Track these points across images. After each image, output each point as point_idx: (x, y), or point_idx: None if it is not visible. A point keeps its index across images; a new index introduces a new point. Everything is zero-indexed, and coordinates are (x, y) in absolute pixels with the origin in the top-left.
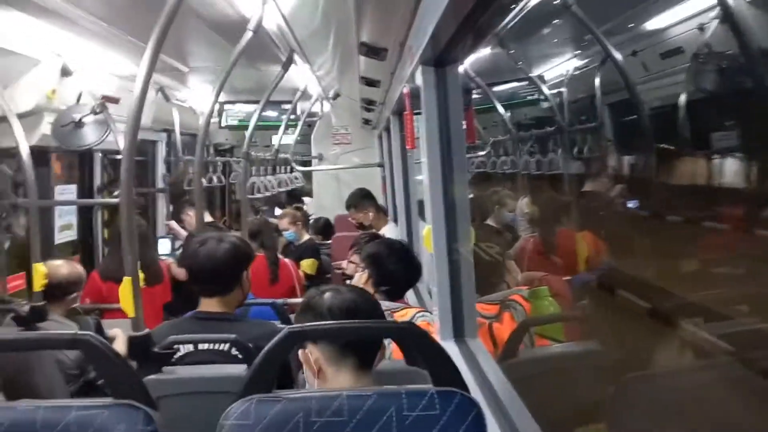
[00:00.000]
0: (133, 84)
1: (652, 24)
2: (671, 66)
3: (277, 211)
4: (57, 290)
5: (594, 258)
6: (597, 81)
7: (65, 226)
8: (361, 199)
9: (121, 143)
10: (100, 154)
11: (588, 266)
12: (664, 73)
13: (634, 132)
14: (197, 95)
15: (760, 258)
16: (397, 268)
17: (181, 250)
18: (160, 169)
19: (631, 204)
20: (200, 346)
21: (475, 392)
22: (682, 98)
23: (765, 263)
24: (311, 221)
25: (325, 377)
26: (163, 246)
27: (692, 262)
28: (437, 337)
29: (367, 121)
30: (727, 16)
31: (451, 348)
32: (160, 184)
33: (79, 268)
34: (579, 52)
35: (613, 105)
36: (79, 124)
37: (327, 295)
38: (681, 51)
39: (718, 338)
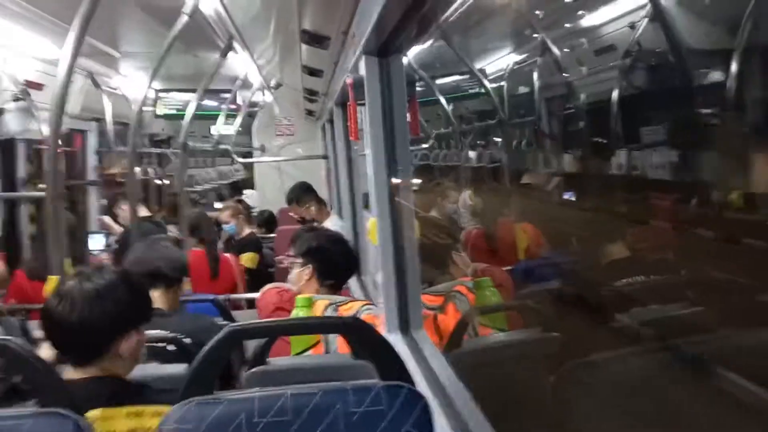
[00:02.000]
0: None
1: (588, 21)
2: (605, 62)
3: (217, 205)
4: None
5: (533, 248)
6: (535, 75)
7: None
8: (301, 193)
9: (46, 132)
10: (24, 144)
11: (528, 256)
12: (597, 69)
13: (569, 125)
14: (130, 82)
15: (689, 247)
16: (340, 260)
17: (117, 247)
18: (91, 160)
19: (567, 195)
20: None
21: (422, 384)
22: (615, 94)
23: (695, 253)
24: (256, 214)
25: None
26: (96, 241)
27: (623, 250)
28: (383, 330)
29: (310, 112)
30: (656, 15)
31: (397, 341)
32: (91, 176)
33: (0, 266)
34: (519, 46)
35: (550, 99)
36: None
37: (71, 282)
38: (613, 48)
39: (647, 324)
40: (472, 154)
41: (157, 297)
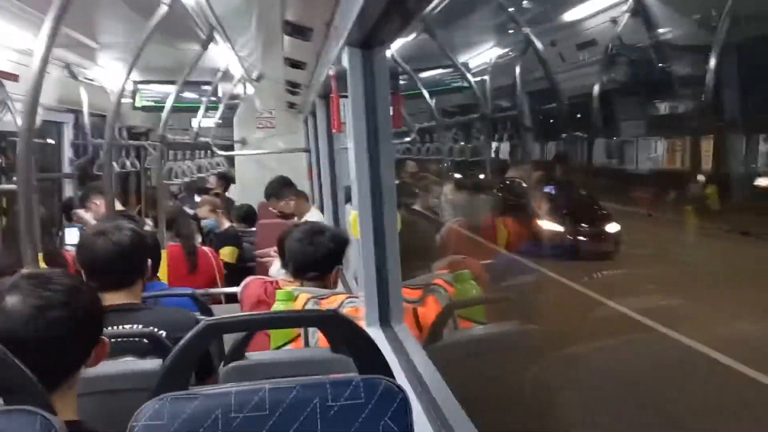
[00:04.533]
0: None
1: (570, 15)
2: (586, 56)
3: (198, 198)
4: None
5: (513, 241)
6: (518, 69)
7: None
8: (280, 187)
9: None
10: None
11: (508, 249)
12: (579, 63)
13: (551, 119)
14: (108, 74)
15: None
16: (306, 252)
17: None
18: (67, 152)
19: (548, 189)
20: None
21: (401, 378)
22: (596, 88)
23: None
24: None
25: None
26: (71, 235)
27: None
28: (363, 324)
29: (292, 105)
30: (637, 10)
31: (377, 334)
32: (66, 168)
33: None
34: (502, 40)
35: (533, 93)
36: None
37: (14, 298)
38: (595, 42)
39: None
40: (454, 147)
41: (122, 296)
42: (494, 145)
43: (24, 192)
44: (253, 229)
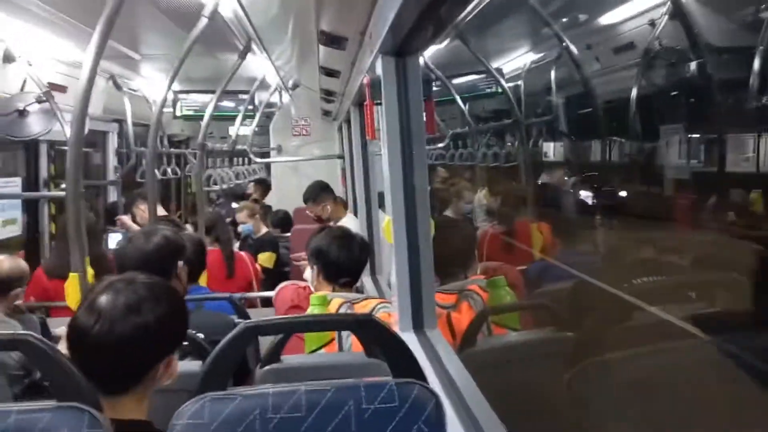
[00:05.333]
0: (81, 71)
1: (607, 19)
2: (624, 60)
3: (235, 205)
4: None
5: (549, 248)
6: (553, 74)
7: (9, 221)
8: (318, 192)
9: (69, 133)
10: (47, 145)
11: (544, 255)
12: (617, 68)
13: (587, 125)
14: (150, 84)
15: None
16: (341, 260)
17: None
18: (111, 160)
19: (583, 195)
20: None
21: (435, 383)
22: (634, 92)
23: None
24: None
25: None
26: (115, 240)
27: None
28: (396, 329)
29: (327, 113)
30: (676, 13)
31: (411, 339)
32: (111, 176)
33: (22, 263)
34: (536, 45)
35: (569, 98)
36: (23, 113)
37: (103, 297)
38: (633, 46)
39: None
40: (487, 153)
41: None
42: (528, 150)
43: (73, 198)
44: (288, 234)
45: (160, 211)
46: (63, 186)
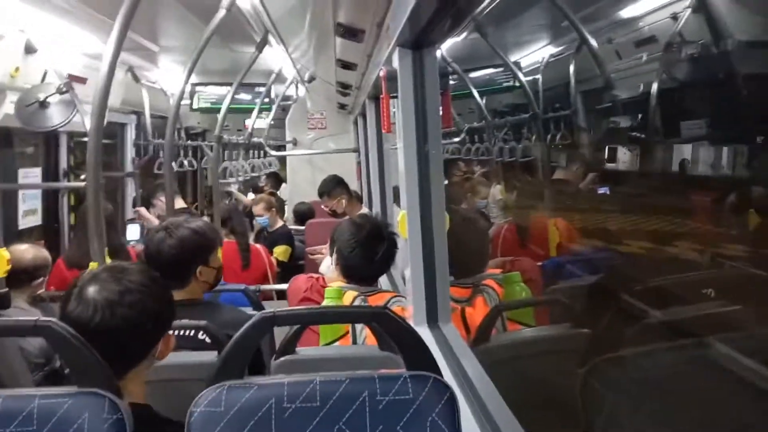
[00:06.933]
0: (101, 63)
1: (627, 12)
2: (645, 54)
3: (251, 196)
4: (22, 275)
5: (566, 244)
6: (572, 68)
7: (29, 211)
8: (333, 186)
9: (88, 125)
10: (66, 136)
11: (559, 252)
12: (638, 62)
13: (607, 120)
14: (168, 76)
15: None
16: (362, 265)
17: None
18: (129, 152)
19: (602, 191)
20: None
21: (448, 377)
22: (654, 87)
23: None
24: (293, 207)
25: None
26: (132, 231)
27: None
28: (410, 322)
29: (342, 106)
30: (699, 6)
31: (425, 333)
32: (129, 168)
33: (45, 252)
34: (555, 39)
35: (587, 92)
36: (43, 105)
37: (91, 288)
38: (654, 40)
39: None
40: (504, 148)
41: (178, 293)
42: (546, 145)
43: (93, 189)
44: (303, 227)
45: (179, 203)
46: (82, 177)
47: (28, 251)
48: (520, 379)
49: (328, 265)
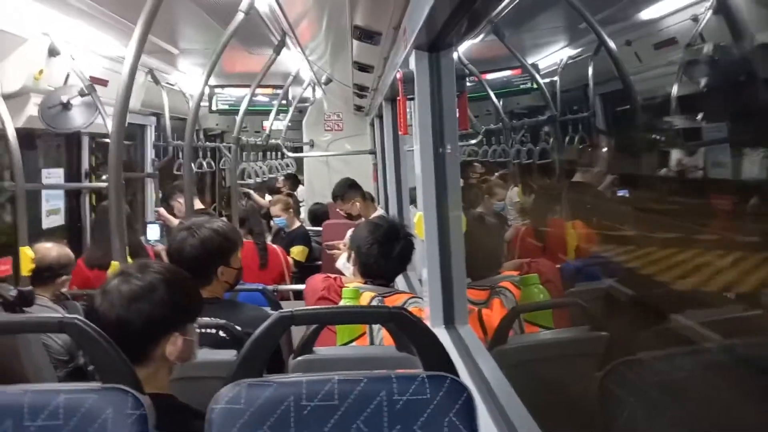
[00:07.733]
0: (122, 66)
1: (647, 14)
2: (665, 57)
3: (268, 197)
4: (47, 273)
5: (583, 247)
6: (590, 70)
7: (52, 210)
8: (346, 189)
9: (110, 126)
10: (88, 137)
11: (577, 255)
12: (657, 64)
13: (626, 123)
14: (187, 78)
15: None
16: (378, 263)
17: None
18: (149, 153)
19: (621, 193)
20: None
21: (465, 378)
22: (674, 89)
23: None
24: (309, 208)
25: None
26: (153, 231)
27: (683, 251)
28: (427, 324)
29: (359, 108)
30: (720, 7)
31: (442, 334)
32: (149, 168)
33: (68, 251)
34: (573, 41)
35: (605, 95)
36: (66, 106)
37: (115, 280)
38: (674, 41)
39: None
40: (521, 150)
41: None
42: (564, 147)
43: (114, 189)
44: (320, 228)
45: (198, 204)
46: (104, 177)
47: (53, 249)
48: (537, 381)
49: (344, 262)
